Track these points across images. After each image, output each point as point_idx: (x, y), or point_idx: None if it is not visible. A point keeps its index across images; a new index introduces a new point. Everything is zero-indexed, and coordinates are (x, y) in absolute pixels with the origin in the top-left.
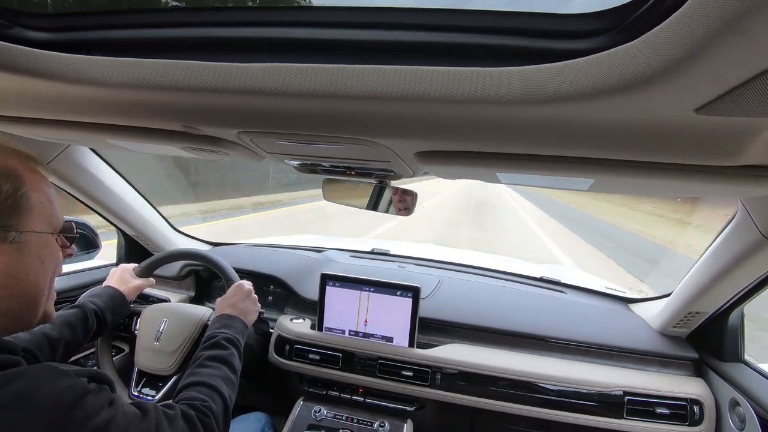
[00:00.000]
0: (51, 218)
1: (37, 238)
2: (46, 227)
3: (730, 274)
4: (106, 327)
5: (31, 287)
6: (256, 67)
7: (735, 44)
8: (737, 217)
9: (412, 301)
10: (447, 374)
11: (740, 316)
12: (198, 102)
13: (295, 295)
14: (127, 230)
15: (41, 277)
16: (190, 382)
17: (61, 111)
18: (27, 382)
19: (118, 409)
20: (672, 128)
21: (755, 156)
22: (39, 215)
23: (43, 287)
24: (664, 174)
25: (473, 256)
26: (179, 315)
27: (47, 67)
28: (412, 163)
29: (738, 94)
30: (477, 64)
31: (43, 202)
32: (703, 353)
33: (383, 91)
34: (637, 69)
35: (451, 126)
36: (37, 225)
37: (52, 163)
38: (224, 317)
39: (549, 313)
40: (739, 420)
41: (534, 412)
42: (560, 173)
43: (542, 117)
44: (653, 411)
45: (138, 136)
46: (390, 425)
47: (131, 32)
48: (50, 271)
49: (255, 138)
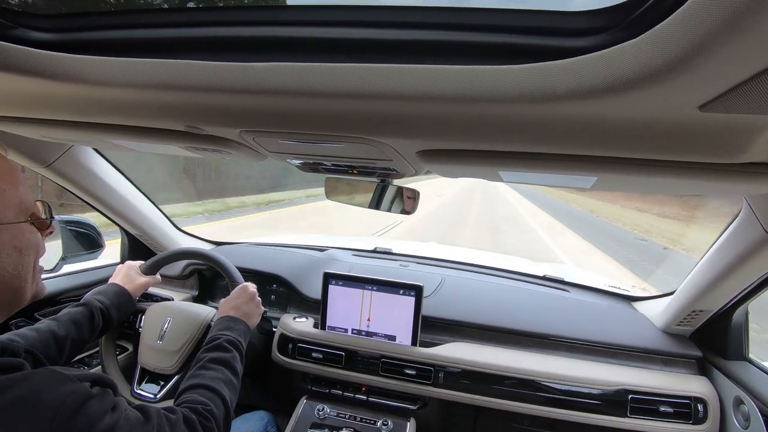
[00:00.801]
0: (20, 204)
1: (9, 229)
2: (16, 215)
3: (734, 271)
4: (111, 324)
5: (12, 278)
6: (259, 66)
7: (737, 41)
8: (741, 214)
9: (415, 300)
10: (450, 373)
11: (744, 314)
12: (200, 102)
13: (298, 293)
14: (131, 230)
15: (21, 265)
16: (192, 384)
17: (65, 111)
18: (29, 387)
19: (121, 414)
20: (675, 126)
21: (759, 153)
22: (6, 205)
23: (25, 274)
24: (667, 172)
25: (476, 254)
26: (183, 314)
27: (50, 67)
28: (415, 161)
29: (741, 92)
30: (478, 62)
31: (7, 190)
32: (707, 351)
33: (385, 90)
34: (639, 67)
35: (454, 124)
36: (6, 215)
37: (56, 163)
38: (227, 319)
39: (552, 312)
40: (744, 418)
41: (537, 410)
42: (563, 171)
43: (544, 115)
44: (657, 409)
45: (141, 136)
46: (393, 424)
47: (134, 32)
48: (31, 257)
49: (257, 137)
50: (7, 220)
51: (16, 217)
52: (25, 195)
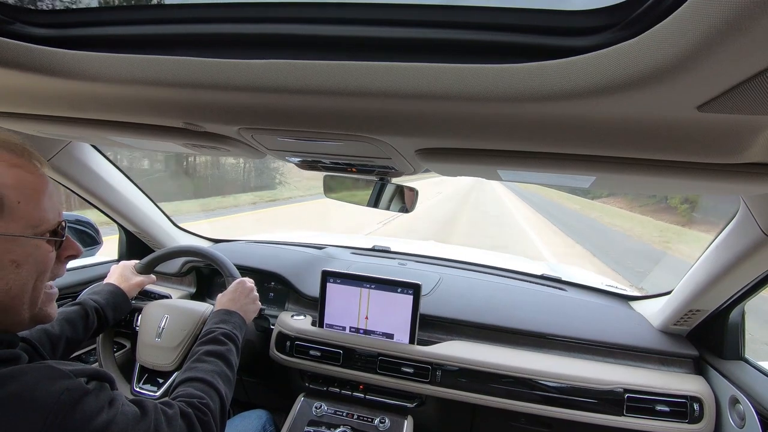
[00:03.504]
0: (30, 219)
1: (7, 242)
2: (23, 229)
3: (731, 272)
4: (107, 324)
5: (3, 294)
6: (258, 63)
7: (737, 42)
8: (738, 215)
9: (413, 298)
10: (447, 371)
11: (741, 313)
12: (199, 98)
13: (296, 291)
14: (129, 227)
15: (14, 282)
16: (188, 377)
17: (62, 107)
18: (24, 383)
19: (118, 410)
20: (674, 126)
21: (757, 154)
22: (13, 217)
23: (19, 293)
24: (666, 172)
25: (474, 253)
26: (180, 311)
27: (48, 63)
28: (414, 160)
29: (740, 92)
30: (478, 61)
31: (21, 202)
32: (704, 351)
33: (385, 88)
34: (638, 66)
35: (453, 123)
36: (10, 227)
37: (54, 160)
38: (223, 312)
39: (550, 311)
40: (739, 417)
41: (534, 409)
42: (561, 170)
43: (543, 114)
44: (653, 408)
45: (139, 133)
46: (390, 421)
47: (132, 28)
48: (31, 275)
49: (256, 135)
50: (9, 231)
51: (22, 231)
52: (46, 213)
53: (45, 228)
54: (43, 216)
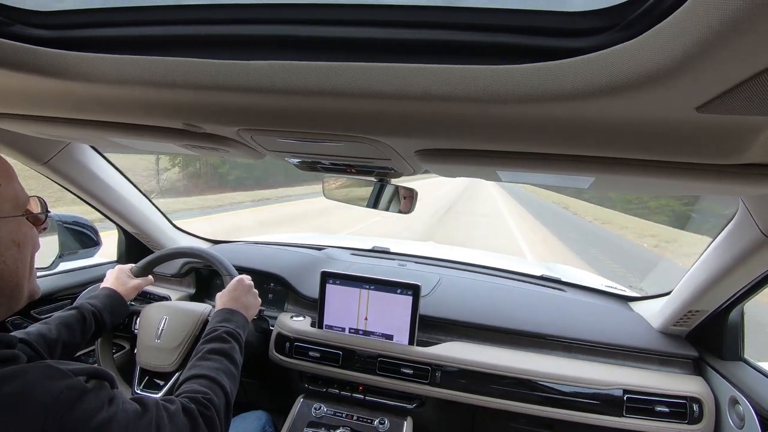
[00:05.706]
0: (16, 199)
1: (7, 223)
2: (13, 209)
3: (730, 272)
4: (104, 328)
5: (11, 273)
6: (258, 64)
7: (736, 42)
8: (737, 215)
9: (413, 299)
10: (447, 372)
11: (740, 314)
12: (198, 99)
13: (296, 292)
14: (128, 228)
15: (20, 261)
16: (192, 374)
17: (62, 108)
18: (23, 382)
19: (119, 407)
20: (673, 127)
21: (756, 155)
22: (3, 199)
23: (23, 270)
24: (665, 173)
25: (474, 254)
26: (179, 312)
27: (49, 64)
28: (413, 161)
29: (739, 92)
30: (477, 62)
31: (2, 185)
32: (703, 351)
33: (384, 90)
34: (637, 67)
35: (452, 124)
36: (3, 209)
37: (53, 161)
38: (225, 311)
39: (549, 311)
40: (739, 418)
41: (534, 410)
42: (561, 171)
43: (543, 115)
44: (653, 409)
45: (138, 134)
46: (390, 422)
47: (133, 29)
48: (28, 252)
49: (255, 136)
50: (5, 213)
51: (13, 211)
52: (20, 190)
53: (24, 206)
54: (21, 195)
